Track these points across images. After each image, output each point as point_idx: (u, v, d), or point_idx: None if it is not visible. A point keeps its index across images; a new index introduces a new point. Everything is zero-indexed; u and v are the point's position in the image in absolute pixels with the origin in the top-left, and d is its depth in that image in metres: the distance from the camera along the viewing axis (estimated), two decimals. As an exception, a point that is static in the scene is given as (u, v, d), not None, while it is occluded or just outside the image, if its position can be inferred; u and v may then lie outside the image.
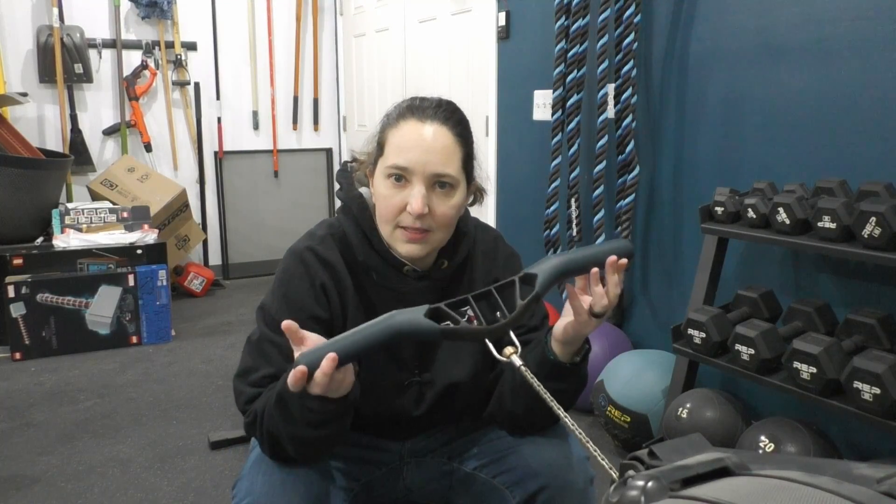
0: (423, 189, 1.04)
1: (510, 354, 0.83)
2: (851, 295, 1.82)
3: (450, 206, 1.07)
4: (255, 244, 4.48)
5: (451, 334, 0.85)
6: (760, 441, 1.69)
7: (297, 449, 1.00)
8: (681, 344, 1.89)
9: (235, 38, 4.23)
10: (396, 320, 0.85)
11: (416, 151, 1.04)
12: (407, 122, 1.06)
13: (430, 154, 1.04)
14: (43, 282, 3.02)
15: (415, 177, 1.04)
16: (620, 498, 0.41)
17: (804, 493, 0.37)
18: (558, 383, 1.03)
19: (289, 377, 0.87)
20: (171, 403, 2.59)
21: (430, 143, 1.04)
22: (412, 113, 1.07)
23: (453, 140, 1.06)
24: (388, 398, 1.15)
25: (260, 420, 1.01)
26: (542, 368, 1.05)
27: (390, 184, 1.05)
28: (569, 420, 0.73)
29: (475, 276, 1.20)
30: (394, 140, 1.06)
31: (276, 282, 1.12)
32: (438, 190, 1.06)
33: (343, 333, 0.87)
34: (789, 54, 1.90)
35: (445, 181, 1.06)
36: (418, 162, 1.03)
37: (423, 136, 1.04)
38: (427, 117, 1.06)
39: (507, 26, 2.99)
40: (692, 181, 2.24)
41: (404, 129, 1.06)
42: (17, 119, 3.68)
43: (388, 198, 1.06)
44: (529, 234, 2.92)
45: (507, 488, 1.12)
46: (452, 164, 1.06)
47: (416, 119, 1.06)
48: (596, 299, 0.97)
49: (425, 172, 1.04)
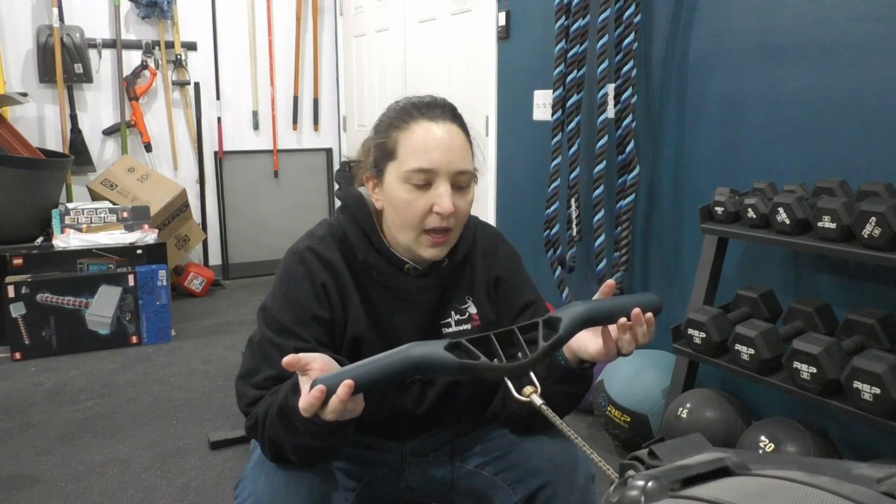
0: (448, 188, 1.05)
1: (530, 394, 0.82)
2: (851, 295, 1.82)
3: (468, 202, 1.10)
4: (255, 244, 4.48)
5: (470, 370, 0.84)
6: (760, 441, 1.69)
7: (300, 457, 1.00)
8: (681, 344, 1.89)
9: (235, 38, 4.23)
10: (416, 352, 0.84)
11: (438, 152, 1.04)
12: (418, 123, 1.06)
13: (451, 153, 1.05)
14: (43, 282, 3.02)
15: (439, 177, 1.04)
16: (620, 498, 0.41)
17: (804, 493, 0.37)
18: (568, 386, 1.05)
19: (302, 400, 0.84)
20: (171, 403, 2.59)
21: (449, 142, 1.05)
22: (420, 113, 1.06)
23: (464, 137, 1.09)
24: (390, 398, 1.15)
25: (262, 425, 1.01)
26: (553, 372, 1.05)
27: (411, 188, 1.05)
28: (580, 441, 0.73)
29: (476, 274, 1.20)
30: (409, 143, 1.05)
31: (277, 282, 1.12)
32: (458, 188, 1.07)
33: (359, 361, 0.85)
34: (789, 54, 1.90)
35: (464, 179, 1.07)
36: (441, 161, 1.04)
37: (439, 136, 1.05)
38: (436, 117, 1.06)
39: (507, 26, 2.99)
40: (692, 181, 2.24)
41: (418, 132, 1.05)
42: (17, 119, 3.68)
43: (412, 202, 1.05)
44: (529, 234, 2.92)
45: (509, 485, 1.13)
46: (469, 160, 1.08)
47: (427, 119, 1.06)
48: (623, 344, 0.99)
49: (449, 171, 1.05)
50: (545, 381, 1.04)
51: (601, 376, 2.22)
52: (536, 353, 0.85)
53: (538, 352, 0.85)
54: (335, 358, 0.96)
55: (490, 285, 1.21)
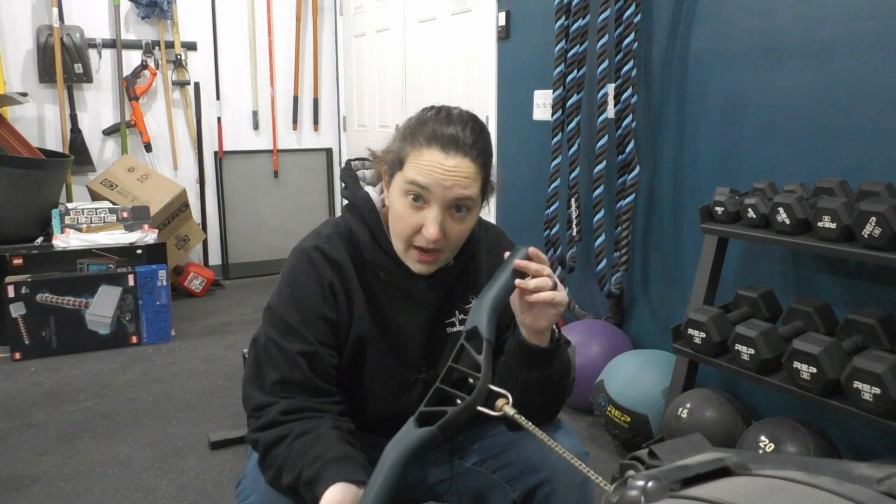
0: (439, 215, 1.03)
1: (502, 406, 0.84)
2: (851, 295, 1.82)
3: (464, 229, 1.08)
4: (255, 244, 4.48)
5: (448, 425, 0.85)
6: (760, 441, 1.69)
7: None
8: (681, 344, 1.89)
9: (235, 38, 4.23)
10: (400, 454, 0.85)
11: (439, 177, 1.02)
12: (431, 149, 1.03)
13: (451, 179, 1.02)
14: (43, 282, 3.02)
15: (433, 199, 1.03)
16: (620, 498, 0.41)
17: (804, 493, 0.37)
18: (541, 370, 1.06)
19: None
20: (171, 403, 2.59)
21: (453, 171, 1.02)
22: (437, 142, 1.03)
23: (475, 170, 1.05)
24: (392, 397, 1.16)
25: (275, 472, 1.01)
26: (522, 358, 1.06)
27: (408, 202, 1.04)
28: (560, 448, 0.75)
29: (479, 272, 1.21)
30: (414, 160, 1.04)
31: (283, 281, 1.12)
32: (455, 213, 1.05)
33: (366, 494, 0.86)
34: (789, 54, 1.90)
35: (463, 205, 1.05)
36: (439, 186, 1.02)
37: (445, 166, 1.02)
38: (450, 149, 1.03)
39: (507, 26, 2.99)
40: (692, 181, 2.24)
41: (427, 157, 1.03)
42: (17, 119, 3.68)
43: (405, 217, 1.05)
44: (529, 234, 2.92)
45: (507, 483, 1.13)
46: (472, 189, 1.05)
47: (440, 150, 1.03)
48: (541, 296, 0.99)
49: (445, 197, 1.03)
50: (519, 373, 1.05)
51: (601, 376, 2.22)
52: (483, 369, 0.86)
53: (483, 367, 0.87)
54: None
55: None
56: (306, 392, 1.05)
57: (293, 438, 1.00)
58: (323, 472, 0.93)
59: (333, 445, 0.98)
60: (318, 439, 0.99)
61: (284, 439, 1.00)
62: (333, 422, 1.04)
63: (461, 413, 0.85)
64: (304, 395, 1.05)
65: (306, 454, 0.97)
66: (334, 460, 0.95)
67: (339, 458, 0.95)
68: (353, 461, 0.97)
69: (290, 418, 1.02)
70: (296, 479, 0.96)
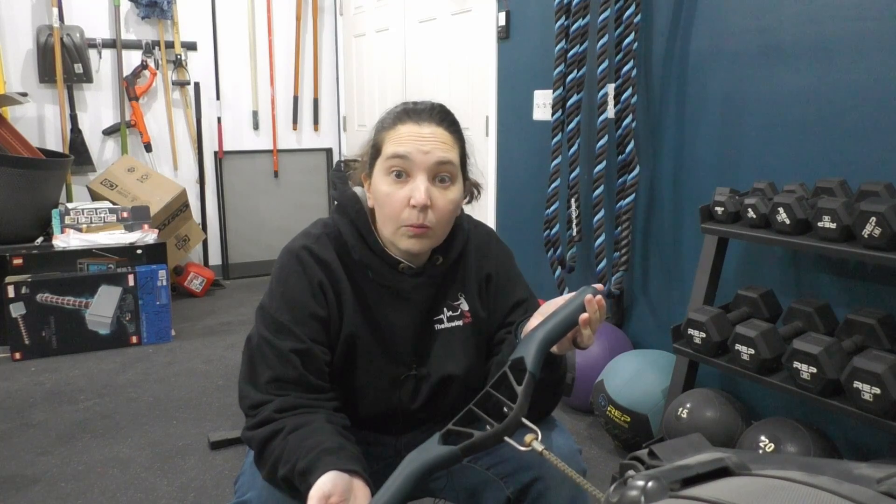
0: (425, 180, 1.06)
1: (531, 442, 0.84)
2: (851, 295, 1.82)
3: (449, 201, 1.10)
4: (255, 244, 4.48)
5: (472, 448, 0.85)
6: (760, 441, 1.69)
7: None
8: (681, 344, 1.89)
9: (235, 38, 4.23)
10: (419, 465, 0.85)
11: (417, 143, 1.06)
12: (404, 124, 1.09)
13: (429, 144, 1.07)
14: (43, 282, 3.02)
15: (416, 168, 1.06)
16: (620, 498, 0.41)
17: (804, 493, 0.37)
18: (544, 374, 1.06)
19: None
20: (171, 403, 2.59)
21: (430, 137, 1.07)
22: (408, 116, 1.09)
23: (450, 137, 1.10)
24: (385, 394, 1.17)
25: (270, 467, 1.01)
26: None
27: (391, 180, 1.07)
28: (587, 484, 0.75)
29: (468, 271, 1.22)
30: (391, 138, 1.09)
31: (274, 281, 1.13)
32: (438, 184, 1.08)
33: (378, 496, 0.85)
34: (789, 54, 1.90)
35: (445, 173, 1.08)
36: (419, 150, 1.06)
37: (422, 132, 1.07)
38: (423, 119, 1.09)
39: (507, 26, 2.99)
40: (692, 181, 2.24)
41: (402, 130, 1.08)
42: (17, 119, 3.68)
43: (390, 194, 1.07)
44: (529, 234, 2.92)
45: (501, 479, 1.13)
46: (451, 153, 1.09)
47: (413, 122, 1.08)
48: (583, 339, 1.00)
49: (427, 162, 1.06)
50: None
51: (601, 376, 2.22)
52: (519, 401, 0.87)
53: (520, 399, 0.87)
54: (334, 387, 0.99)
55: (482, 282, 1.23)
56: (300, 389, 1.06)
57: (287, 433, 1.00)
58: (317, 462, 0.94)
59: (328, 437, 0.99)
60: (312, 432, 1.00)
61: (279, 434, 1.01)
62: (327, 416, 1.05)
63: (487, 440, 0.85)
64: (298, 392, 1.06)
65: (301, 446, 0.98)
66: (328, 451, 0.95)
67: (333, 449, 0.96)
68: (347, 452, 0.97)
69: (284, 415, 1.03)
70: (291, 471, 0.97)
